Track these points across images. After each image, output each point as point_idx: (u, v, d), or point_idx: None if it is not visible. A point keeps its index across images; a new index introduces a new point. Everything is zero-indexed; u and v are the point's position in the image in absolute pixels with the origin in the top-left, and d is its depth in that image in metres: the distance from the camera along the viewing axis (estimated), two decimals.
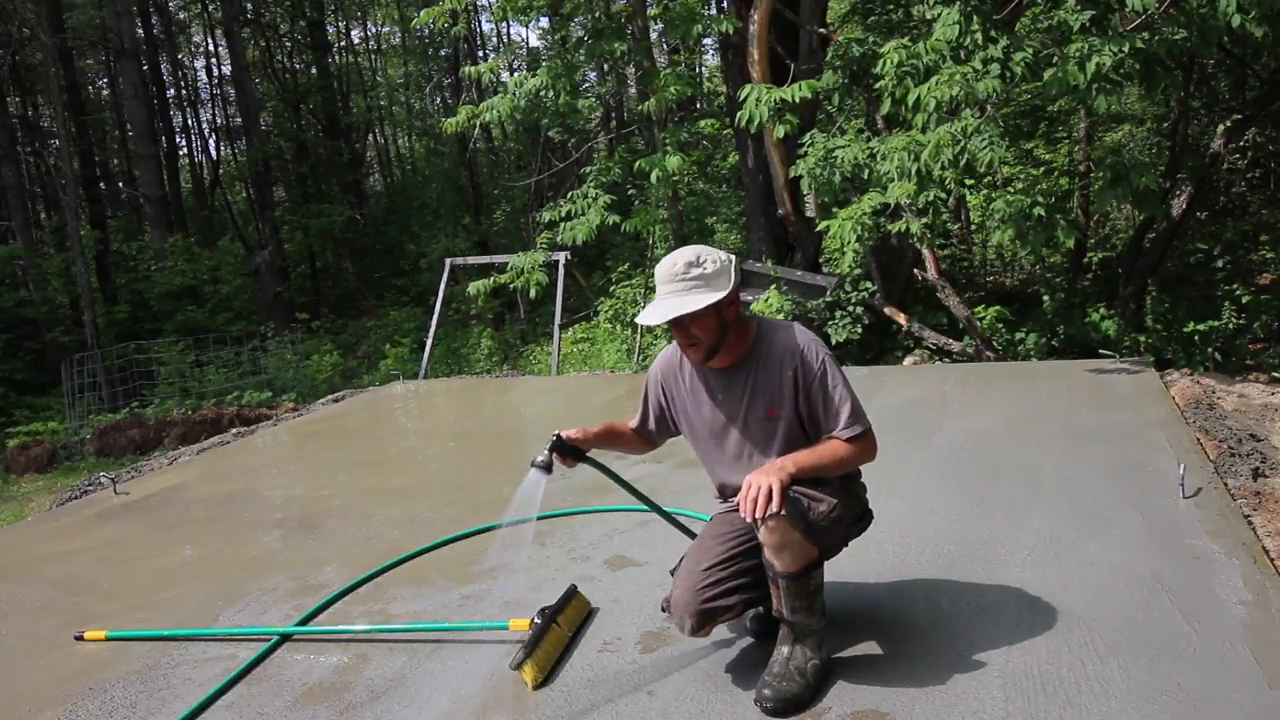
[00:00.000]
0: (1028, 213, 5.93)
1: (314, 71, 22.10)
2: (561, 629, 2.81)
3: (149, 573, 3.94)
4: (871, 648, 2.64)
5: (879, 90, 6.31)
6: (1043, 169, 10.35)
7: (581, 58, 10.65)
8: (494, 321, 14.79)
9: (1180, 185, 9.44)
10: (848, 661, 2.57)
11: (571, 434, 2.57)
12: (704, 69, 21.63)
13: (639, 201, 11.91)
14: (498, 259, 11.14)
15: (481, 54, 22.89)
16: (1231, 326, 8.60)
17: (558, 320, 10.43)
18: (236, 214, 24.05)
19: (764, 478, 2.22)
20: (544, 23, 17.26)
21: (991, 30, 5.88)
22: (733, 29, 9.38)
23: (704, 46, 19.99)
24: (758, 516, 2.20)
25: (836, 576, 2.90)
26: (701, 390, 2.59)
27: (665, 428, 2.75)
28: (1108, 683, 2.35)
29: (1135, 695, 2.28)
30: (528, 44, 25.87)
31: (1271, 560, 2.95)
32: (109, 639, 3.23)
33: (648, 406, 2.74)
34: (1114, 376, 5.96)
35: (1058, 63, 5.55)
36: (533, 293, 9.76)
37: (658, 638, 2.84)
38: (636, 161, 9.53)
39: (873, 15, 10.87)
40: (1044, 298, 9.56)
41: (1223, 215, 11.52)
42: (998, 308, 9.12)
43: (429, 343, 11.12)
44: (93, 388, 12.73)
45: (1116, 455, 4.21)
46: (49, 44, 15.13)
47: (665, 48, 19.24)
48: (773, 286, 8.95)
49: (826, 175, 6.77)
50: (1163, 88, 6.15)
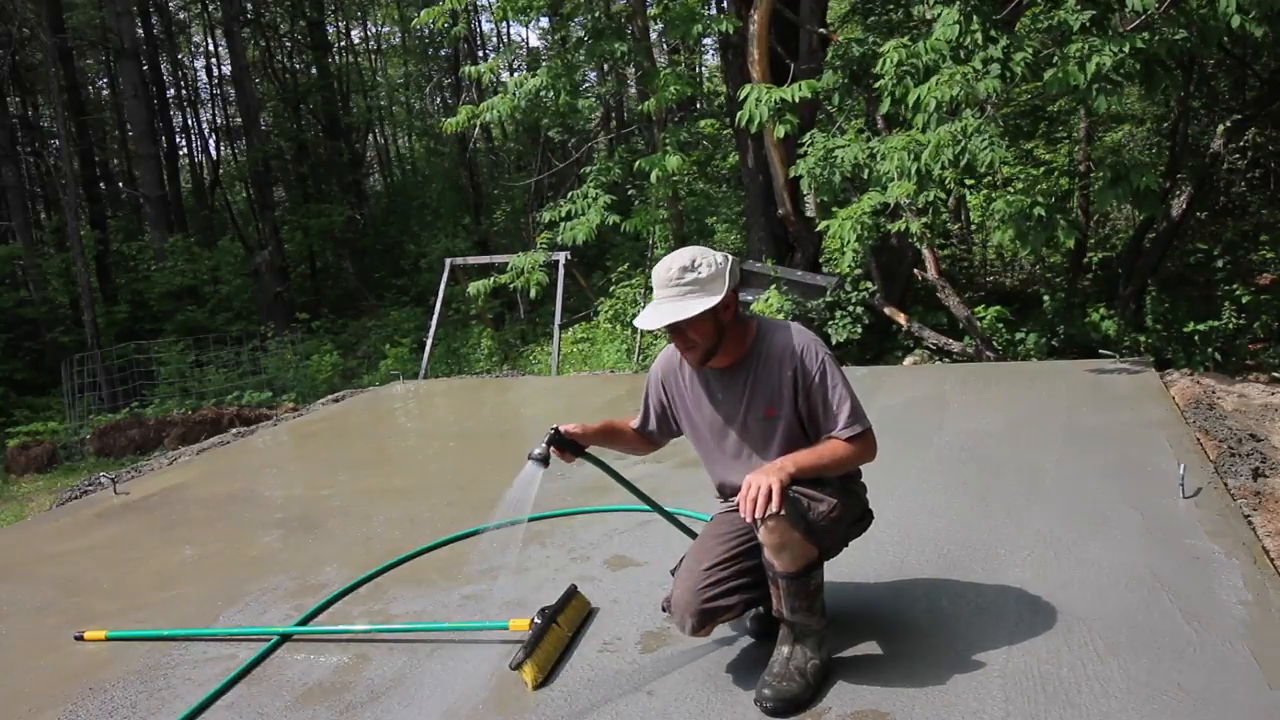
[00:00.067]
0: (1028, 213, 5.93)
1: (314, 71, 22.10)
2: (561, 629, 2.81)
3: (149, 573, 3.94)
4: (871, 648, 2.64)
5: (879, 90, 6.31)
6: (1043, 169, 10.35)
7: (581, 58, 10.65)
8: (494, 321, 14.79)
9: (1180, 185, 9.44)
10: (848, 661, 2.57)
11: (570, 429, 2.58)
12: (704, 69, 21.62)
13: (639, 201, 11.92)
14: (498, 259, 11.14)
15: (481, 54, 22.89)
16: (1231, 326, 8.60)
17: (558, 320, 10.43)
18: (236, 214, 24.05)
19: (763, 478, 2.22)
20: (544, 23, 17.26)
21: (991, 30, 5.88)
22: (733, 29, 9.38)
23: (704, 46, 19.99)
24: (757, 516, 2.20)
25: (836, 576, 2.90)
26: (701, 390, 2.59)
27: (667, 428, 2.75)
28: (1108, 683, 2.35)
29: (1135, 695, 2.28)
30: (528, 44, 25.91)
31: (1271, 560, 2.95)
32: (109, 639, 3.23)
33: (649, 406, 2.75)
34: (1114, 376, 5.96)
35: (1058, 63, 5.55)
36: (533, 293, 9.77)
37: (658, 638, 2.84)
38: (636, 161, 9.54)
39: (873, 15, 10.87)
40: (1044, 298, 9.56)
41: (1223, 215, 11.53)
42: (998, 308, 9.12)
43: (429, 343, 11.12)
44: (93, 388, 12.73)
45: (1116, 455, 4.21)
46: (49, 44, 15.12)
47: (665, 48, 19.23)
48: (773, 286, 8.95)
49: (826, 175, 6.77)
50: (1163, 88, 6.14)
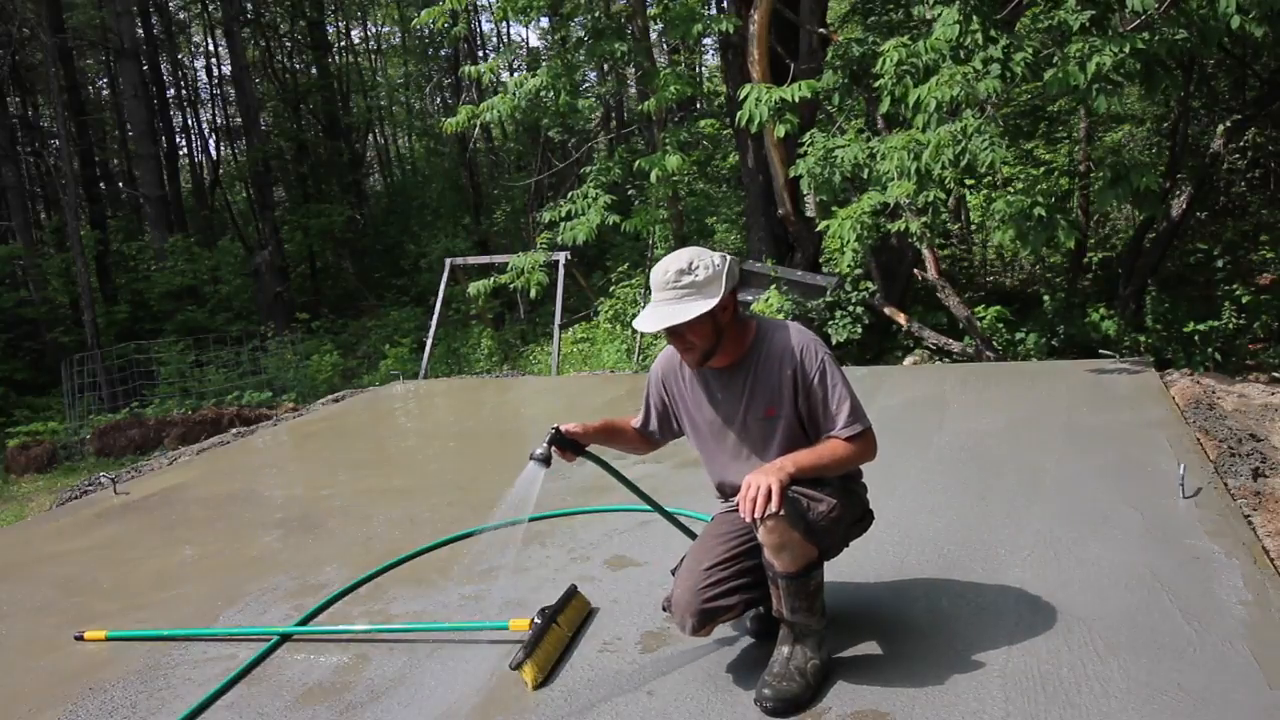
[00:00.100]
0: (1028, 213, 5.93)
1: (314, 71, 22.10)
2: (561, 629, 2.81)
3: (149, 573, 3.94)
4: (871, 648, 2.64)
5: (879, 90, 6.31)
6: (1043, 169, 10.34)
7: (581, 58, 10.65)
8: (494, 321, 14.79)
9: (1180, 185, 9.44)
10: (848, 661, 2.57)
11: (570, 428, 2.58)
12: (704, 69, 21.61)
13: (639, 201, 11.92)
14: (498, 259, 11.15)
15: (481, 54, 22.88)
16: (1231, 326, 8.60)
17: (558, 320, 10.43)
18: (236, 214, 24.05)
19: (763, 478, 2.22)
20: (544, 23, 17.25)
21: (991, 30, 5.88)
22: (733, 29, 9.38)
23: (704, 46, 19.98)
24: (757, 516, 2.20)
25: (836, 576, 2.90)
26: (701, 390, 2.59)
27: (668, 427, 2.75)
28: (1108, 683, 2.35)
29: (1135, 695, 2.28)
30: (528, 44, 25.88)
31: (1271, 560, 2.95)
32: (109, 639, 3.23)
33: (649, 406, 2.75)
34: (1114, 376, 5.96)
35: (1058, 63, 5.55)
36: (533, 293, 9.77)
37: (658, 638, 2.84)
38: (636, 161, 9.54)
39: (873, 15, 10.87)
40: (1044, 298, 9.55)
41: (1223, 215, 11.52)
42: (998, 308, 9.11)
43: (429, 343, 11.12)
44: (93, 388, 12.73)
45: (1116, 455, 4.21)
46: (49, 44, 15.12)
47: (665, 48, 19.22)
48: (773, 286, 8.95)
49: (826, 175, 6.77)
50: (1163, 88, 6.14)
